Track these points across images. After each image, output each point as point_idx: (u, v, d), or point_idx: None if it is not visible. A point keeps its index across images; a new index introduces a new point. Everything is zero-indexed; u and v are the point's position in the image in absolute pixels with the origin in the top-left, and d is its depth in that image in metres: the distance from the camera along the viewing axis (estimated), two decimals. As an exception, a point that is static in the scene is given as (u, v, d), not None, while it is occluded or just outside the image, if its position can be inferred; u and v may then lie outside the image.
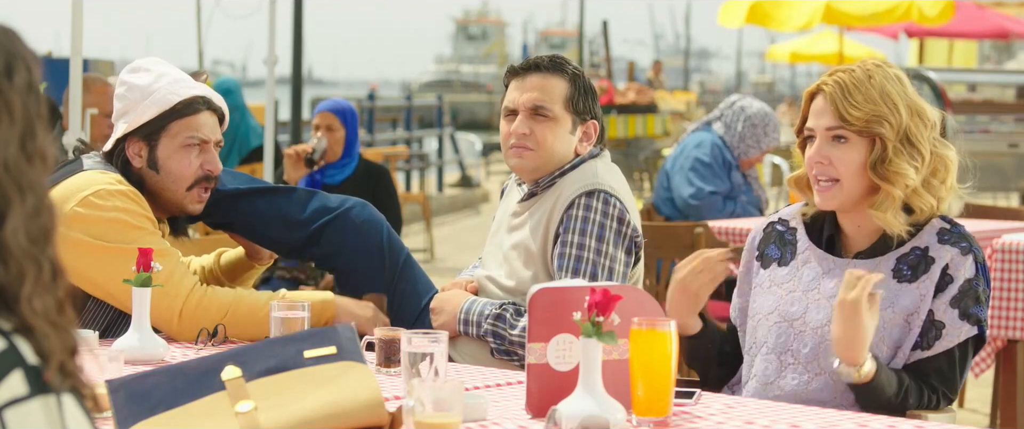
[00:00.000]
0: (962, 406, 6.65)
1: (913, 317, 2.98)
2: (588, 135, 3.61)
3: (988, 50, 33.64)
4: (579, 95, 3.58)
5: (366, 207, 3.81)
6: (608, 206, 3.49)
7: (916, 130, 3.01)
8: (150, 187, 3.56)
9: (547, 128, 3.55)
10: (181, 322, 3.42)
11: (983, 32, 20.04)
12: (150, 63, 3.61)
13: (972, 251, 3.02)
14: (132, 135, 3.55)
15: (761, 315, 3.13)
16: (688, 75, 75.28)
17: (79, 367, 1.39)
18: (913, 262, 3.01)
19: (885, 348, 2.98)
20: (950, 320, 2.98)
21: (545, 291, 2.63)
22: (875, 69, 3.04)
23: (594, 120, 3.61)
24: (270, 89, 8.09)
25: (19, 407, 1.30)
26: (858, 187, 3.03)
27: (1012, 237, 5.29)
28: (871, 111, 2.99)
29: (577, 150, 3.59)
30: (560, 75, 3.57)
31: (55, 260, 1.41)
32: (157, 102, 3.53)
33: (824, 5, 13.85)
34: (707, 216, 6.78)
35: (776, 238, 3.19)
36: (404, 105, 20.27)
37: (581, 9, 37.95)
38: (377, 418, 2.42)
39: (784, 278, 3.13)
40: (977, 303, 3.00)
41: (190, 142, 3.55)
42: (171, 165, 3.55)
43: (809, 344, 3.03)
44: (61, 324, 1.40)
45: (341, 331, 2.51)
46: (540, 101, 3.55)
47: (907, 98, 3.03)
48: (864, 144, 3.01)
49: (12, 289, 1.39)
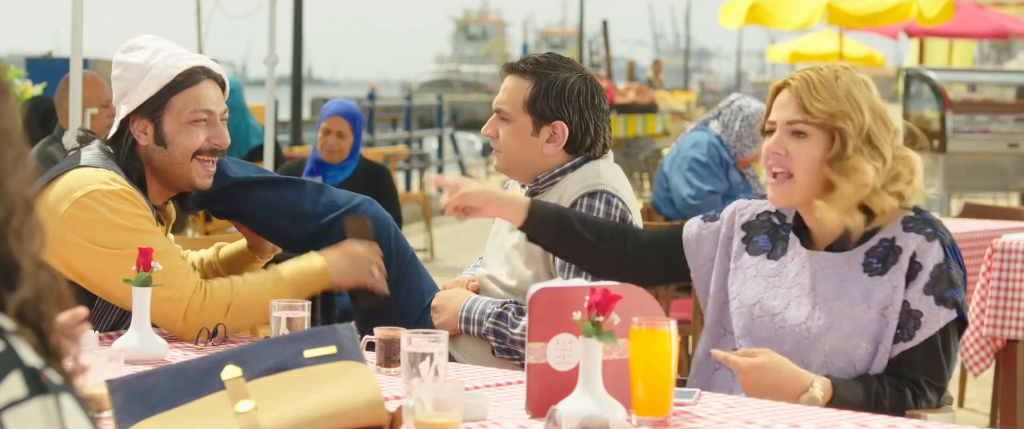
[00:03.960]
0: (962, 406, 6.65)
1: (888, 310, 2.99)
2: (555, 137, 3.56)
3: (988, 50, 33.63)
4: (542, 96, 3.54)
5: (373, 204, 3.80)
6: (610, 207, 3.49)
7: (878, 132, 3.03)
8: (158, 164, 3.51)
9: (505, 129, 3.58)
10: (186, 323, 3.41)
11: (983, 32, 20.06)
12: (145, 40, 3.55)
13: (937, 235, 3.01)
14: (135, 114, 3.49)
15: (745, 305, 3.14)
16: (688, 75, 75.28)
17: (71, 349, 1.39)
18: (882, 254, 3.02)
19: (865, 344, 2.99)
20: (927, 308, 2.97)
21: (545, 291, 2.62)
22: (843, 71, 3.08)
23: (561, 121, 3.55)
24: (270, 89, 8.09)
25: (18, 409, 1.30)
26: (811, 184, 3.05)
27: (1012, 237, 5.29)
28: (834, 107, 3.01)
29: (545, 152, 3.57)
30: (525, 76, 3.57)
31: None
32: (156, 77, 3.47)
33: (824, 5, 13.86)
34: (707, 216, 6.77)
35: (770, 229, 3.19)
36: (404, 105, 20.28)
37: (581, 9, 37.97)
38: (377, 418, 2.42)
39: (772, 271, 3.14)
40: (951, 286, 2.99)
41: (197, 117, 3.49)
42: (178, 139, 3.49)
43: (788, 341, 3.05)
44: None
45: (341, 331, 2.51)
46: (501, 103, 3.60)
47: (871, 102, 3.05)
48: (823, 139, 3.03)
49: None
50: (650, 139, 17.81)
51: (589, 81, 3.60)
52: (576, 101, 3.55)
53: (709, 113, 7.26)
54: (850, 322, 2.99)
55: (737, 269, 3.18)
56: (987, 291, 5.27)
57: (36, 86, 9.23)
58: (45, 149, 6.53)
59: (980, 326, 5.30)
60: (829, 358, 3.00)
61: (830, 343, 3.00)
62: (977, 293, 5.34)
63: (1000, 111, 14.89)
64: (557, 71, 3.57)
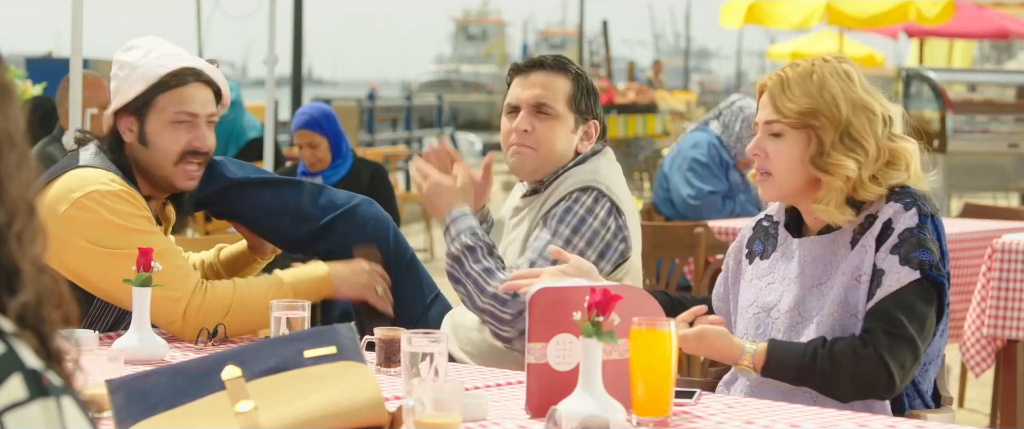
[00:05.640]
0: (962, 406, 6.66)
1: (861, 275, 2.98)
2: (589, 135, 3.62)
3: (988, 50, 33.64)
4: (582, 95, 3.59)
5: (372, 205, 3.79)
6: (596, 205, 3.49)
7: (858, 124, 3.01)
8: (141, 163, 3.52)
9: (549, 126, 3.56)
10: (185, 322, 3.41)
11: (983, 32, 20.06)
12: (143, 41, 3.55)
13: (916, 205, 2.99)
14: (122, 111, 3.51)
15: (742, 309, 3.17)
16: (688, 75, 75.23)
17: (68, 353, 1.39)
18: (866, 226, 3.02)
19: (849, 314, 2.97)
20: (889, 266, 2.95)
21: (545, 291, 2.63)
22: (822, 65, 3.07)
23: (595, 120, 3.62)
24: (270, 89, 8.09)
25: (19, 411, 1.30)
26: (794, 180, 3.06)
27: (1012, 237, 5.29)
28: (805, 105, 3.02)
29: (578, 149, 3.60)
30: (564, 74, 3.58)
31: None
32: (144, 76, 3.48)
33: (824, 5, 13.86)
34: (707, 216, 6.78)
35: (762, 233, 3.22)
36: (404, 105, 20.29)
37: (581, 9, 37.96)
38: (377, 418, 2.42)
39: (765, 271, 3.16)
40: (919, 247, 2.95)
41: (179, 118, 3.49)
42: (159, 141, 3.50)
43: (782, 329, 3.05)
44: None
45: (341, 331, 2.51)
46: (544, 98, 3.56)
47: (852, 94, 3.03)
48: (800, 138, 3.04)
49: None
50: (650, 139, 17.78)
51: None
52: (598, 100, 3.65)
53: (709, 113, 7.25)
54: (835, 296, 3.00)
55: (743, 283, 3.21)
56: (987, 291, 5.27)
57: (36, 86, 9.22)
58: (45, 149, 6.53)
59: (980, 326, 5.30)
60: (816, 334, 3.00)
61: (818, 320, 3.00)
62: (977, 293, 5.34)
63: (1000, 111, 14.89)
64: (582, 71, 3.64)
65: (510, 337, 3.41)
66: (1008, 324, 5.24)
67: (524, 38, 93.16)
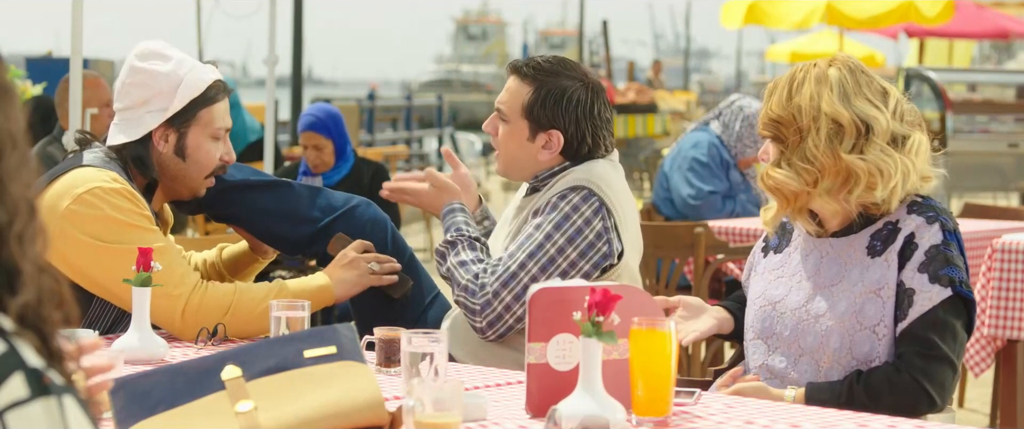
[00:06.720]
0: (962, 406, 6.66)
1: (883, 290, 2.99)
2: (550, 144, 3.55)
3: (988, 50, 33.64)
4: (540, 104, 3.53)
5: (371, 206, 3.80)
6: (584, 204, 3.47)
7: (813, 140, 3.01)
8: (173, 173, 3.55)
9: (504, 131, 3.59)
10: (184, 321, 3.41)
11: (983, 32, 20.05)
12: (160, 47, 3.56)
13: (939, 220, 3.01)
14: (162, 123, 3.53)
15: (751, 301, 3.20)
16: (688, 75, 75.29)
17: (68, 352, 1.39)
18: (884, 236, 3.03)
19: (860, 325, 2.99)
20: (920, 285, 2.97)
21: (545, 291, 2.63)
22: (810, 69, 3.07)
23: (556, 130, 3.53)
24: (270, 89, 8.09)
25: (21, 410, 1.30)
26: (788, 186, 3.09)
27: (1012, 237, 5.29)
28: (776, 114, 3.06)
29: (540, 157, 3.56)
30: (526, 80, 3.57)
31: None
32: (188, 88, 3.51)
33: (824, 5, 13.85)
34: (707, 216, 6.78)
35: (779, 228, 3.24)
36: (404, 105, 20.30)
37: (581, 9, 37.99)
38: (377, 418, 2.42)
39: (776, 265, 3.18)
40: (947, 264, 2.97)
41: (218, 134, 3.57)
42: (199, 155, 3.55)
43: (789, 325, 3.07)
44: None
45: (341, 331, 2.51)
46: (501, 103, 3.61)
47: (833, 107, 3.01)
48: (775, 146, 3.10)
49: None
50: (650, 139, 17.80)
51: (591, 89, 3.56)
52: (574, 111, 3.53)
53: (710, 113, 7.25)
54: (846, 302, 3.01)
55: (754, 275, 3.24)
56: (987, 291, 5.27)
57: (36, 86, 9.23)
58: (45, 149, 6.54)
59: (980, 326, 5.30)
60: (825, 338, 3.02)
61: (827, 324, 3.02)
62: (977, 293, 5.34)
63: (1000, 111, 14.91)
64: (558, 78, 3.55)
65: (481, 327, 3.44)
66: (1008, 324, 5.24)
67: (524, 38, 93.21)
